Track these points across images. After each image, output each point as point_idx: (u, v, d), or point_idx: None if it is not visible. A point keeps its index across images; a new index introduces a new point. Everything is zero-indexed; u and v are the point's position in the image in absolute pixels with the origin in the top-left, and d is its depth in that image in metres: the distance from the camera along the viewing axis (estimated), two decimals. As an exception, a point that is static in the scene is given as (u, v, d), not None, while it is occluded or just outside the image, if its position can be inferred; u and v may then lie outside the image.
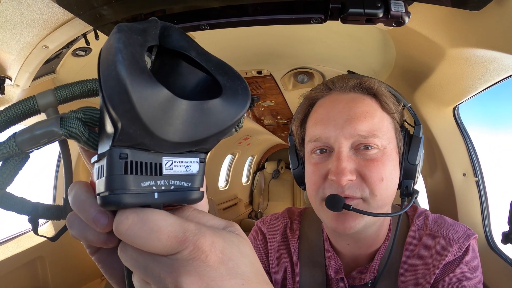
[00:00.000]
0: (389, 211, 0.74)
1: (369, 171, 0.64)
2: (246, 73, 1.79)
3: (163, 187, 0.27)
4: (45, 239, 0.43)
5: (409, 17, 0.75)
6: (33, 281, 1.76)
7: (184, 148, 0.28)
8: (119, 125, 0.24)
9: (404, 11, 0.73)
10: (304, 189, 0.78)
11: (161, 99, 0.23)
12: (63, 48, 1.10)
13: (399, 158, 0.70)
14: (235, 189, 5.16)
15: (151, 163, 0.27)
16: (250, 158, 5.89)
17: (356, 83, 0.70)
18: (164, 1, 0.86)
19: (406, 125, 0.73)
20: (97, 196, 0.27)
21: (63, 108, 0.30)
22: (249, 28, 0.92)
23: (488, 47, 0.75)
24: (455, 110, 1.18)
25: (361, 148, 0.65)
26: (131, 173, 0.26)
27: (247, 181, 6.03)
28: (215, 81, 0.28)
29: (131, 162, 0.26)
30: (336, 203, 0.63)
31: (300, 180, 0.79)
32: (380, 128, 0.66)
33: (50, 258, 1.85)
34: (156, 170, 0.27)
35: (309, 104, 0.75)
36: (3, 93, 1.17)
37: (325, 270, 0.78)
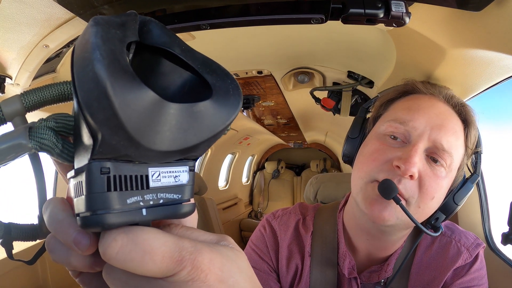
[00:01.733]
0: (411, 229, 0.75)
1: (429, 183, 0.63)
2: (247, 73, 1.79)
3: (151, 202, 0.24)
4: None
5: (409, 18, 0.75)
6: (33, 280, 1.76)
7: (172, 157, 0.25)
8: (99, 135, 0.21)
9: (404, 11, 0.73)
10: (346, 161, 0.77)
11: (147, 103, 0.20)
12: (64, 47, 1.10)
13: (448, 191, 0.70)
14: (235, 189, 5.17)
15: (136, 176, 0.24)
16: (250, 158, 5.89)
17: (460, 103, 0.70)
18: (165, 1, 0.86)
19: (466, 168, 0.73)
20: (77, 217, 0.24)
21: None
22: (250, 28, 0.92)
23: (489, 47, 0.75)
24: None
25: (431, 158, 0.65)
26: (115, 189, 0.23)
27: (247, 181, 6.04)
28: (201, 81, 0.25)
29: (114, 176, 0.23)
30: (389, 190, 0.61)
31: (350, 151, 0.77)
32: (457, 152, 0.66)
33: (50, 257, 1.84)
34: (142, 183, 0.24)
35: (405, 90, 0.74)
36: (3, 92, 1.18)
37: (338, 269, 0.77)
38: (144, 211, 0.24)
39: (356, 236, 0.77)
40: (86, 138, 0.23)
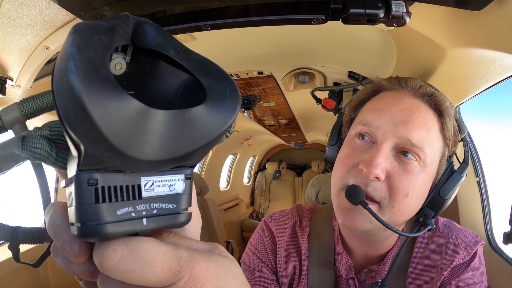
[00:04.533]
0: (403, 225, 0.74)
1: (399, 180, 0.62)
2: (247, 74, 1.79)
3: (144, 212, 0.23)
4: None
5: (410, 17, 0.75)
6: (35, 282, 1.77)
7: (165, 166, 0.24)
8: (82, 148, 0.20)
9: (405, 11, 0.73)
10: (330, 168, 0.77)
11: (130, 112, 0.19)
12: (64, 49, 1.10)
13: (432, 185, 0.68)
14: (236, 190, 5.16)
15: (127, 186, 0.23)
16: (251, 158, 5.89)
17: (428, 92, 0.67)
18: (165, 2, 0.86)
19: (454, 158, 0.71)
20: (71, 226, 0.23)
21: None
22: (250, 28, 0.92)
23: (489, 47, 0.75)
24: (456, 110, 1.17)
25: (401, 153, 0.63)
26: (104, 201, 0.22)
27: (248, 182, 6.03)
28: (199, 83, 0.25)
29: (103, 188, 0.22)
30: (355, 195, 0.61)
31: (331, 157, 0.78)
32: (430, 145, 0.64)
33: (51, 259, 1.84)
34: (134, 193, 0.23)
35: (373, 90, 0.73)
36: (4, 93, 1.18)
37: (335, 270, 0.78)
38: (145, 220, 0.24)
39: (349, 238, 0.77)
40: (72, 150, 0.22)
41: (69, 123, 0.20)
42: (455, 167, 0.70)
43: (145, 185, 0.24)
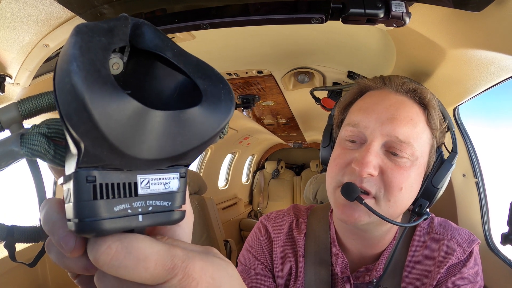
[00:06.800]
0: (399, 219, 0.74)
1: (392, 175, 0.64)
2: (247, 73, 1.79)
3: (140, 209, 0.24)
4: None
5: (409, 18, 0.75)
6: (33, 280, 1.76)
7: (161, 165, 0.25)
8: (82, 146, 0.21)
9: (404, 11, 0.73)
10: (324, 169, 0.79)
11: (129, 113, 0.20)
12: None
13: (424, 176, 0.70)
14: (235, 189, 5.16)
15: (124, 184, 0.24)
16: (250, 157, 5.89)
17: (411, 88, 0.69)
18: (165, 0, 0.86)
19: (443, 148, 0.74)
20: (68, 222, 0.24)
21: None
22: (250, 27, 0.91)
23: (489, 48, 0.75)
24: (455, 111, 1.18)
25: (391, 152, 0.65)
26: (101, 197, 0.23)
27: (247, 181, 6.03)
28: (195, 84, 0.25)
29: (101, 185, 0.23)
30: (351, 192, 0.63)
31: (324, 159, 0.80)
32: (417, 138, 0.66)
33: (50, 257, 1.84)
34: (130, 190, 0.24)
35: (360, 90, 0.75)
36: (3, 91, 1.17)
37: (331, 268, 0.78)
38: (140, 217, 0.24)
39: (345, 236, 0.78)
40: (72, 147, 0.23)
41: (70, 122, 0.20)
42: (445, 157, 0.72)
43: (141, 183, 0.24)
